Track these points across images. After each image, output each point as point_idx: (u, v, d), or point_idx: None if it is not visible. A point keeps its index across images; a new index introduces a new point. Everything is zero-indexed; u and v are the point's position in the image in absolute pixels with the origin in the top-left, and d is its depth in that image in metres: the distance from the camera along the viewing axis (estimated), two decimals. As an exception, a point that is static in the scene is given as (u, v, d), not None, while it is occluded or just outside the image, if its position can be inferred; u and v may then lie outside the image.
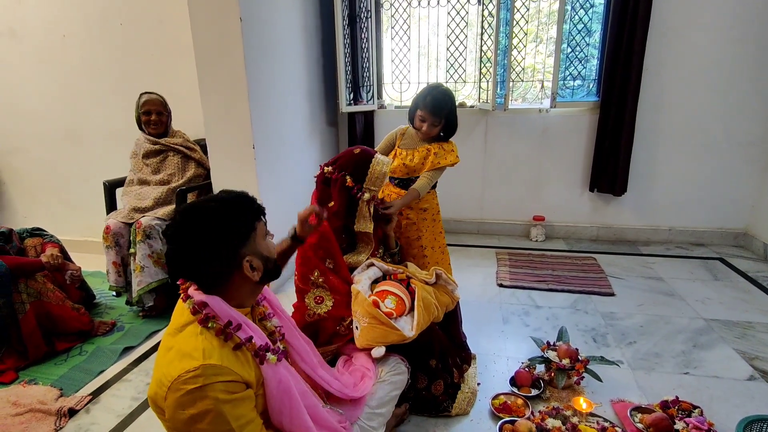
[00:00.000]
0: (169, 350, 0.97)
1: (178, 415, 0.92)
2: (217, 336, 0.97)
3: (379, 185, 1.63)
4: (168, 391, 0.91)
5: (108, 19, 2.88)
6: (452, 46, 3.45)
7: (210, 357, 0.93)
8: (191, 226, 0.98)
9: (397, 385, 1.48)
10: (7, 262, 1.91)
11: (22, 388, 1.80)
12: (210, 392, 0.91)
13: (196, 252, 0.98)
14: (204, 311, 0.98)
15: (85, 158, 3.20)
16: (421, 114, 1.97)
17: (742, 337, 2.09)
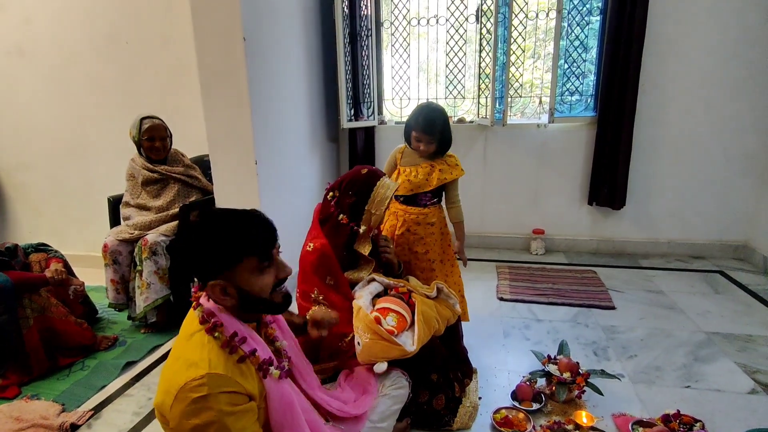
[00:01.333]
0: (177, 360, 0.99)
1: (182, 425, 0.93)
2: (222, 348, 0.99)
3: (380, 207, 1.64)
4: (174, 401, 0.93)
5: (114, 38, 2.95)
6: (451, 63, 3.51)
7: (216, 367, 0.95)
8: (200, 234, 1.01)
9: (398, 399, 1.49)
10: (12, 277, 1.93)
11: (25, 404, 1.81)
12: (214, 404, 0.92)
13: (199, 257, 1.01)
14: (212, 320, 1.01)
15: (89, 174, 3.25)
16: (416, 135, 2.00)
17: (743, 350, 2.09)
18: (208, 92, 2.36)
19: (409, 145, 2.09)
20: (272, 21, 2.58)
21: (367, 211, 1.63)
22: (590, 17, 3.18)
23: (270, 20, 2.55)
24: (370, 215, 1.64)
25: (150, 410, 1.78)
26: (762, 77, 2.93)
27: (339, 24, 3.16)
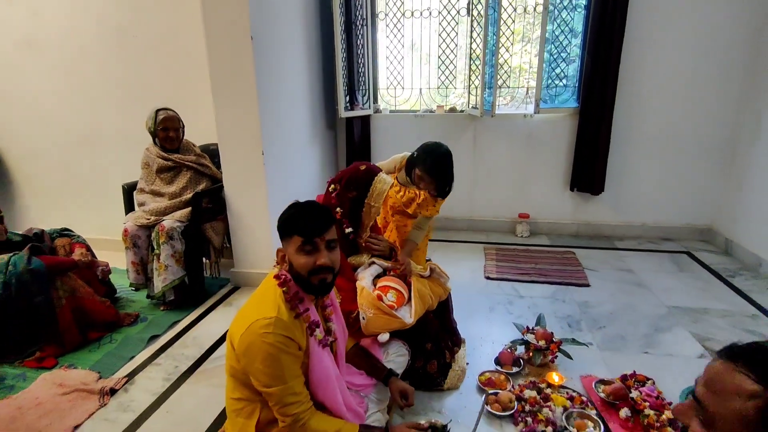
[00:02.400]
0: (253, 302, 1.29)
1: (246, 351, 1.20)
2: (286, 301, 1.25)
3: (379, 201, 1.84)
4: (245, 331, 1.19)
5: (123, 31, 3.07)
6: (443, 54, 3.69)
7: (282, 314, 1.21)
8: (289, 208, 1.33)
9: (399, 364, 1.75)
10: (45, 262, 2.13)
11: (64, 372, 2.03)
12: (274, 340, 1.18)
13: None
14: (284, 278, 1.28)
15: (99, 161, 3.40)
16: (419, 174, 2.12)
17: (697, 321, 2.38)
18: (219, 88, 2.53)
19: (408, 173, 2.23)
20: (277, 19, 2.73)
21: (366, 203, 1.84)
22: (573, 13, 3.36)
23: (275, 19, 2.71)
24: (370, 207, 1.84)
25: (180, 375, 2.02)
26: (730, 74, 3.16)
27: (336, 13, 3.29)
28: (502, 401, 1.74)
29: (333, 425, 1.30)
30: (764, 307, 2.50)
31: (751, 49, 3.09)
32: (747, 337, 2.22)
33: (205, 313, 2.59)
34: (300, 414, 1.24)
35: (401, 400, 1.56)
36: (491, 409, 1.72)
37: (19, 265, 2.03)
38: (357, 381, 1.58)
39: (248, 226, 2.77)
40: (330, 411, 1.35)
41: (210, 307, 2.66)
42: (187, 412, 1.80)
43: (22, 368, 2.07)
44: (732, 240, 3.24)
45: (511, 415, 1.70)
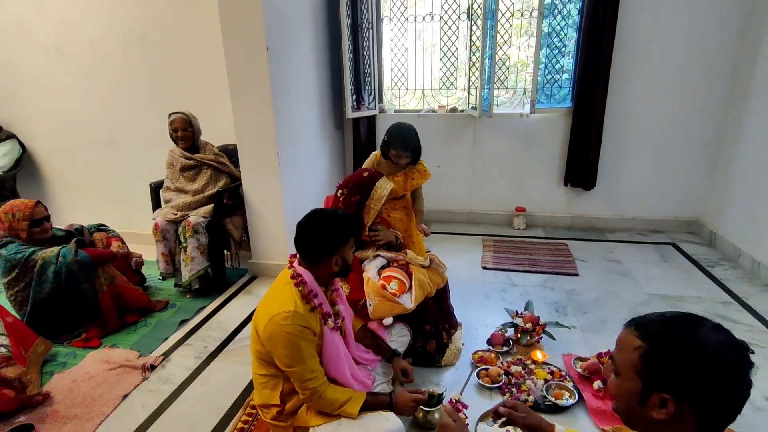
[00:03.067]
0: (274, 296, 1.52)
1: (270, 338, 1.45)
2: (302, 297, 1.49)
3: (378, 203, 2.08)
4: (268, 322, 1.44)
5: (144, 39, 3.30)
6: (444, 57, 3.89)
7: (298, 308, 1.46)
8: (316, 222, 1.53)
9: (401, 344, 2.02)
10: (90, 254, 2.40)
11: (108, 351, 2.31)
12: (293, 330, 1.43)
13: (311, 237, 1.52)
14: (300, 278, 1.51)
15: (123, 161, 3.66)
16: (395, 153, 2.54)
17: (673, 306, 2.61)
18: (237, 95, 2.76)
19: (386, 157, 2.62)
20: (289, 28, 2.95)
21: (367, 206, 2.08)
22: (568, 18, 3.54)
23: (288, 28, 2.93)
24: (370, 209, 2.09)
25: (209, 354, 2.29)
26: (716, 75, 3.35)
27: (343, 16, 3.49)
28: (491, 375, 2.00)
29: (344, 394, 1.55)
30: (736, 294, 2.73)
31: (734, 53, 3.27)
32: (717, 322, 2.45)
33: (227, 300, 2.87)
34: (317, 387, 1.49)
35: (402, 377, 1.82)
36: (482, 382, 1.98)
37: (68, 256, 2.30)
38: (366, 357, 1.84)
39: (265, 220, 3.03)
40: (340, 383, 1.61)
41: (231, 294, 2.93)
42: (218, 384, 2.07)
43: (71, 347, 2.35)
44: (716, 232, 3.45)
45: (499, 387, 1.96)
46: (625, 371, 0.89)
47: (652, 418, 0.85)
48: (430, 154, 3.81)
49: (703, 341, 0.81)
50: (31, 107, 3.67)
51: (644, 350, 0.85)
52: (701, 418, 0.82)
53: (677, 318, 0.87)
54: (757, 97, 3.06)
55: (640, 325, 0.88)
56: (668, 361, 0.82)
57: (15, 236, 2.34)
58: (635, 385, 0.87)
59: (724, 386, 0.80)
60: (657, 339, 0.85)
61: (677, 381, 0.82)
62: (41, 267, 2.27)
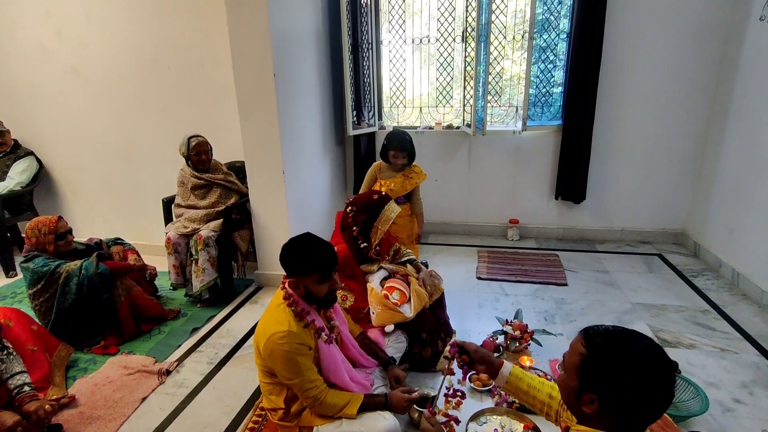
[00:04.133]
0: (270, 317, 1.67)
1: (270, 356, 1.61)
2: (295, 315, 1.65)
3: (386, 225, 2.23)
4: (266, 341, 1.60)
5: (158, 62, 3.51)
6: (441, 77, 4.09)
7: (293, 327, 1.61)
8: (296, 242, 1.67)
9: (398, 350, 2.19)
10: (109, 266, 2.57)
11: (126, 357, 2.48)
12: (290, 348, 1.59)
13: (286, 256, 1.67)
14: (291, 299, 1.67)
15: (136, 176, 3.85)
16: (393, 153, 3.01)
17: (656, 315, 2.78)
18: (246, 117, 2.96)
19: (385, 161, 3.07)
20: (294, 53, 3.16)
21: (375, 226, 2.25)
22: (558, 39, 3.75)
23: (293, 53, 3.13)
24: (378, 229, 2.26)
25: (220, 360, 2.46)
26: (697, 95, 3.54)
27: (344, 38, 3.69)
28: (482, 379, 2.16)
29: (344, 398, 1.71)
30: (716, 303, 2.90)
31: (714, 75, 3.47)
32: (696, 329, 2.63)
33: (235, 309, 3.04)
34: (317, 395, 1.66)
35: (395, 384, 1.99)
36: (473, 385, 2.14)
37: (90, 269, 2.48)
38: (364, 361, 2.00)
39: (270, 233, 3.20)
40: (340, 387, 1.77)
41: (239, 304, 3.10)
42: (229, 388, 2.24)
43: (91, 354, 2.52)
44: (700, 244, 3.63)
45: (489, 390, 2.12)
46: (569, 370, 1.06)
47: (584, 412, 1.02)
48: (427, 168, 3.96)
49: (633, 357, 0.97)
50: (49, 125, 3.88)
51: (585, 356, 1.02)
52: (622, 418, 0.98)
53: (619, 334, 1.02)
54: (736, 117, 3.25)
55: (588, 335, 1.05)
56: (600, 369, 0.98)
57: (42, 250, 2.52)
58: (574, 383, 1.03)
59: (644, 397, 0.95)
60: (596, 349, 1.01)
61: (604, 386, 0.98)
62: (65, 279, 2.45)
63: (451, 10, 3.90)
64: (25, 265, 2.49)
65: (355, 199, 2.33)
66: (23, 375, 1.99)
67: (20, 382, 1.95)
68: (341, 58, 3.76)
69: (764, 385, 2.15)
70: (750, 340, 2.51)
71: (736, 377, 2.21)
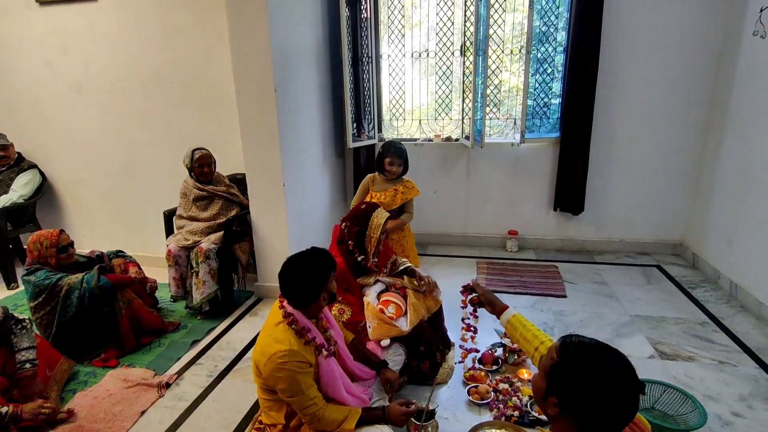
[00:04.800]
0: (269, 336, 1.67)
1: (271, 376, 1.62)
2: (296, 334, 1.66)
3: (377, 231, 2.26)
4: (267, 361, 1.61)
5: (161, 77, 3.56)
6: (440, 90, 4.15)
7: (293, 345, 1.62)
8: (295, 270, 1.68)
9: (397, 362, 2.19)
10: (111, 279, 2.60)
11: (126, 370, 2.49)
12: (290, 366, 1.60)
13: (296, 287, 1.68)
14: (291, 317, 1.68)
15: (138, 189, 3.89)
16: (389, 159, 3.03)
17: (654, 328, 2.79)
18: (247, 133, 3.00)
19: (381, 171, 3.09)
20: (295, 69, 3.21)
21: (368, 235, 2.28)
22: (555, 53, 3.80)
23: (293, 69, 3.18)
24: (370, 237, 2.28)
25: (219, 372, 2.47)
26: (694, 104, 3.58)
27: (345, 52, 3.74)
28: (480, 392, 2.17)
29: (342, 413, 1.72)
30: (714, 315, 2.90)
31: (710, 88, 3.51)
32: (694, 341, 2.63)
33: (235, 321, 3.05)
34: (316, 412, 1.66)
35: (387, 387, 2.00)
36: (472, 399, 2.15)
37: (91, 282, 2.50)
38: (361, 374, 2.01)
39: (270, 245, 3.23)
40: (338, 402, 1.78)
41: (239, 316, 3.11)
42: (228, 401, 2.25)
43: (91, 366, 2.53)
44: (698, 255, 3.64)
45: (487, 403, 2.13)
46: (540, 371, 1.14)
47: (548, 412, 1.10)
48: (426, 180, 4.05)
49: (599, 370, 1.01)
50: (52, 139, 3.93)
51: (555, 362, 1.07)
52: (579, 426, 1.04)
53: (593, 347, 1.07)
54: (732, 129, 3.28)
55: (564, 343, 1.10)
56: (566, 376, 1.04)
57: (44, 263, 2.55)
58: (543, 384, 1.10)
59: (602, 410, 1.00)
60: (567, 357, 1.06)
61: (567, 392, 1.04)
62: (67, 292, 2.47)
63: (450, 24, 3.97)
64: (27, 278, 2.52)
65: (348, 214, 2.38)
66: (29, 351, 2.12)
67: (24, 359, 2.09)
68: (341, 72, 3.81)
69: (763, 399, 2.15)
70: (749, 353, 2.51)
71: (735, 390, 2.21)
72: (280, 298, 1.76)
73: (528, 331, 1.65)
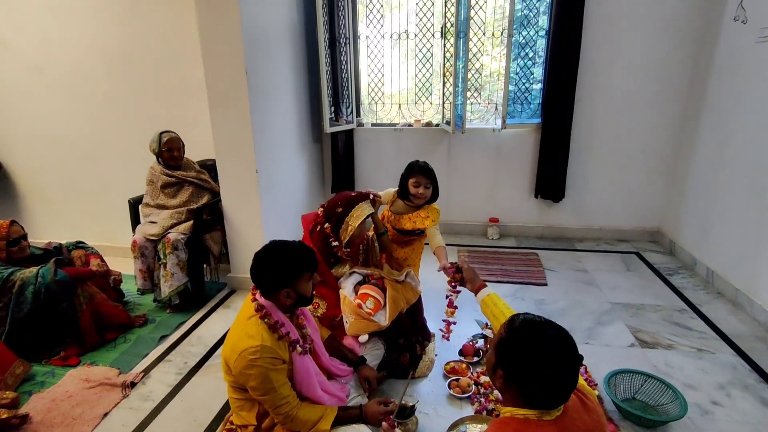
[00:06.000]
0: (240, 331, 1.56)
1: (242, 373, 1.51)
2: (269, 328, 1.55)
3: (356, 221, 2.12)
4: (237, 357, 1.50)
5: (126, 58, 3.33)
6: (419, 73, 4.02)
7: (266, 341, 1.51)
8: (270, 254, 1.56)
9: (375, 357, 2.11)
10: (69, 273, 2.42)
11: (88, 369, 2.34)
12: (262, 363, 1.49)
13: (263, 270, 1.56)
14: (263, 311, 1.57)
15: (102, 175, 3.67)
16: (415, 180, 2.40)
17: (634, 315, 2.78)
18: (217, 116, 2.83)
19: (405, 196, 2.47)
20: (267, 49, 3.03)
21: (345, 221, 2.15)
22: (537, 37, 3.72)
23: (266, 49, 3.00)
24: (347, 225, 2.15)
25: (189, 370, 2.35)
26: (673, 93, 3.56)
27: (320, 33, 3.57)
28: (461, 386, 2.11)
29: (316, 413, 1.63)
30: (692, 302, 2.92)
31: (688, 75, 3.49)
32: (673, 329, 2.63)
33: (207, 314, 2.92)
34: (289, 411, 1.57)
35: (365, 385, 1.91)
36: (453, 392, 2.09)
37: (47, 276, 2.33)
38: (340, 368, 1.92)
39: (244, 235, 3.09)
40: (313, 401, 1.69)
41: (210, 309, 2.98)
42: (198, 400, 2.13)
43: (49, 366, 2.37)
44: (675, 242, 3.66)
45: (468, 397, 2.07)
46: (491, 347, 1.18)
47: (496, 384, 1.16)
48: (406, 167, 3.93)
49: (538, 343, 1.07)
50: (9, 124, 3.66)
51: (502, 337, 1.14)
52: (521, 395, 1.09)
53: (536, 323, 1.13)
54: (709, 116, 3.27)
55: (512, 320, 1.16)
56: (510, 350, 1.10)
57: (-7, 257, 2.36)
58: (492, 358, 1.16)
59: (539, 379, 1.05)
60: (512, 333, 1.12)
61: (509, 365, 1.10)
62: (20, 287, 2.29)
63: (430, 4, 3.83)
64: (-25, 273, 2.32)
65: (335, 197, 2.25)
66: None
67: None
68: (318, 53, 3.65)
69: (741, 387, 2.15)
70: (726, 340, 2.52)
71: (714, 378, 2.21)
72: (253, 291, 1.65)
73: (498, 309, 1.66)
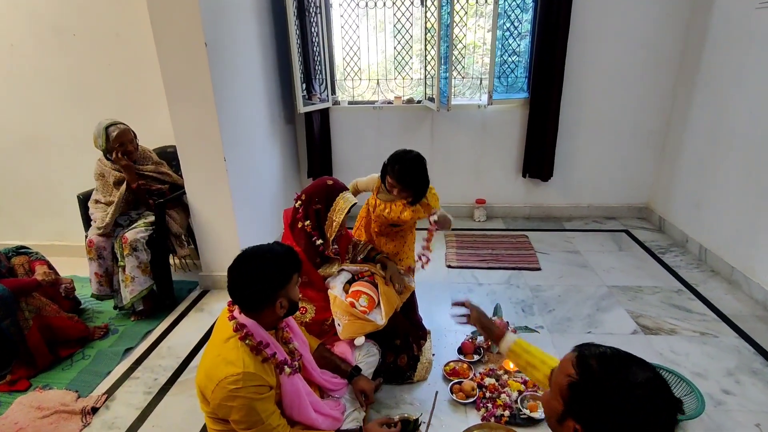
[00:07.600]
0: (216, 356, 1.31)
1: (221, 406, 1.28)
2: (251, 350, 1.31)
3: (340, 215, 1.89)
4: (216, 387, 1.26)
5: (60, 29, 2.89)
6: (399, 45, 3.72)
7: (248, 367, 1.27)
8: (250, 264, 1.32)
9: (371, 365, 1.90)
10: (8, 285, 2.09)
11: (40, 394, 2.04)
12: (246, 393, 1.26)
13: (247, 284, 1.31)
14: (244, 330, 1.32)
15: (46, 165, 3.25)
16: (391, 181, 2.09)
17: (633, 299, 2.68)
18: (174, 96, 2.48)
19: (384, 184, 2.19)
20: (230, 20, 2.68)
21: (329, 217, 1.91)
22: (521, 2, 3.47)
23: (228, 20, 2.65)
24: (332, 221, 1.91)
25: (160, 387, 2.08)
26: (664, 65, 3.42)
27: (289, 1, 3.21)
28: (465, 390, 1.94)
29: None
30: (687, 282, 2.84)
31: (681, 45, 3.34)
32: (673, 312, 2.54)
33: (178, 320, 2.63)
34: None
35: (362, 398, 1.72)
36: (456, 398, 1.92)
37: (-19, 292, 1.99)
38: (333, 382, 1.71)
39: (214, 229, 2.79)
40: (306, 426, 1.48)
41: (182, 313, 2.69)
42: (173, 424, 1.88)
43: (-7, 393, 2.06)
44: (665, 218, 3.58)
45: (473, 401, 1.91)
46: (554, 390, 0.93)
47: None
48: (387, 148, 3.65)
49: (629, 392, 0.82)
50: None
51: (573, 380, 0.88)
52: None
53: (617, 360, 0.88)
54: (702, 89, 3.15)
55: (581, 355, 0.91)
56: (589, 398, 0.86)
57: None
58: (558, 405, 0.91)
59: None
60: (588, 375, 0.87)
61: (591, 418, 0.86)
62: (-52, 306, 1.95)
63: (408, -32, 3.51)
64: None
65: (304, 190, 1.97)
66: None
67: None
68: (286, 24, 3.29)
69: (749, 372, 2.08)
70: (726, 321, 2.45)
71: (721, 364, 2.13)
72: (230, 307, 1.39)
73: (535, 357, 1.41)
